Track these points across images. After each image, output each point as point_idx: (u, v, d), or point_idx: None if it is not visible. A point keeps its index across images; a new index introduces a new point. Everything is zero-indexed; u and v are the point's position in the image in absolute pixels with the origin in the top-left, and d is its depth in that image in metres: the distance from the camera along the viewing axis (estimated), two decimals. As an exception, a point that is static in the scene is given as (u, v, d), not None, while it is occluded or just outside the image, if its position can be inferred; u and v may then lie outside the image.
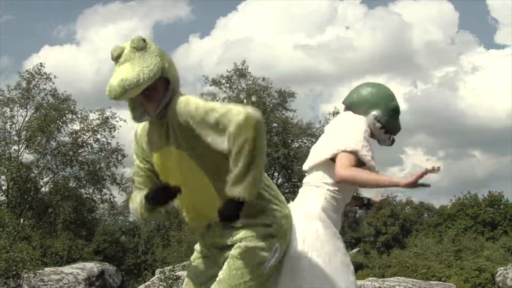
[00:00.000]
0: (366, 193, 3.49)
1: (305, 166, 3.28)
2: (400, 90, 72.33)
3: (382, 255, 33.69)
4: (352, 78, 64.82)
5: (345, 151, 3.00)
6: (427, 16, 79.19)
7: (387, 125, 3.23)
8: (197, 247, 3.06)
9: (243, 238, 2.74)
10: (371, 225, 44.28)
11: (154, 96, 2.69)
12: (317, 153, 3.20)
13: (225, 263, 2.76)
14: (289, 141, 29.19)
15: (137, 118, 2.80)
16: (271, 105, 28.92)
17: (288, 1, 67.97)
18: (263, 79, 28.71)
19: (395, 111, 3.27)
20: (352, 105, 3.31)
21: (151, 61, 2.62)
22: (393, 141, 3.32)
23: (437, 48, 71.96)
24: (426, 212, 50.16)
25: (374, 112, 3.22)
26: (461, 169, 69.51)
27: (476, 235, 36.88)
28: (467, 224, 40.52)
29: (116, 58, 2.69)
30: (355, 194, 3.34)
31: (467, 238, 33.84)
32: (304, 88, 67.42)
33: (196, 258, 3.03)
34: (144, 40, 2.69)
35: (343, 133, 3.10)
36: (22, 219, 23.54)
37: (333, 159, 3.05)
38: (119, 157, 25.66)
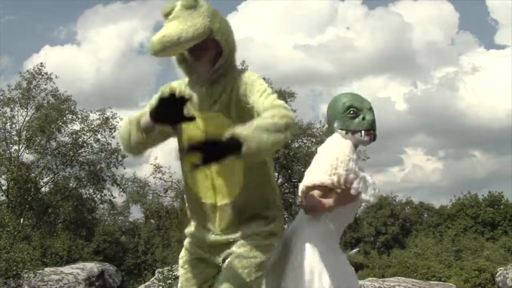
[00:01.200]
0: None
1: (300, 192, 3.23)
2: (400, 90, 72.60)
3: (382, 255, 33.72)
4: (352, 78, 64.83)
5: (308, 187, 3.01)
6: (427, 17, 79.28)
7: (349, 126, 3.15)
8: (186, 253, 2.95)
9: (247, 235, 2.71)
10: (371, 225, 44.29)
11: (204, 56, 2.65)
12: (304, 180, 3.15)
13: (229, 261, 2.71)
14: (289, 141, 29.18)
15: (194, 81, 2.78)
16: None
17: (288, 1, 67.97)
18: (263, 79, 28.73)
19: (348, 109, 3.16)
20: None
21: (198, 20, 2.54)
22: (372, 137, 3.17)
23: (438, 48, 72.05)
24: (426, 212, 50.15)
25: (335, 125, 3.20)
26: (461, 169, 69.60)
27: (476, 235, 36.88)
28: (467, 224, 40.49)
29: (166, 15, 2.60)
30: None
31: (467, 238, 33.84)
32: (304, 88, 67.54)
33: (186, 262, 2.93)
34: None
35: (317, 166, 3.08)
36: (22, 219, 23.53)
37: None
38: (119, 158, 25.64)
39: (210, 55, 2.65)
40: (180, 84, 2.85)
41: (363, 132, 3.12)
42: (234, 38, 2.74)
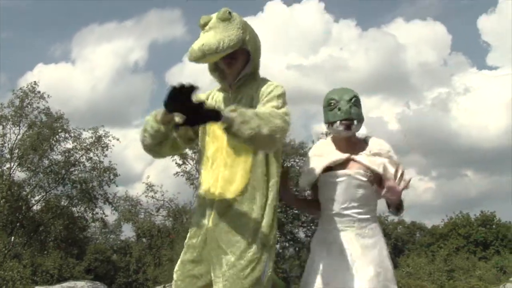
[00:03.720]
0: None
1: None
2: (393, 110, 72.90)
3: (374, 275, 33.65)
4: (345, 97, 64.89)
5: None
6: (421, 38, 79.91)
7: (328, 118, 3.25)
8: (181, 266, 2.93)
9: (240, 249, 2.71)
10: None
11: (235, 64, 2.92)
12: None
13: (224, 280, 2.68)
14: (282, 160, 29.20)
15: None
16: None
17: (282, 21, 68.42)
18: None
19: (329, 102, 3.27)
20: None
21: (233, 32, 2.82)
22: (345, 127, 3.20)
23: (430, 69, 72.56)
24: (418, 231, 50.16)
25: (324, 120, 3.35)
26: (454, 188, 69.59)
27: (468, 255, 36.91)
28: (459, 244, 40.51)
29: (203, 26, 2.88)
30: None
31: (459, 258, 33.88)
32: (297, 107, 67.46)
33: (181, 275, 2.89)
34: (230, 13, 2.88)
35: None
36: (13, 237, 23.38)
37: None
38: (111, 176, 25.59)
39: (240, 64, 2.93)
40: (208, 93, 3.13)
41: (338, 122, 3.19)
42: (260, 48, 3.04)
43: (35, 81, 24.43)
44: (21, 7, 68.78)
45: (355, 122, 3.21)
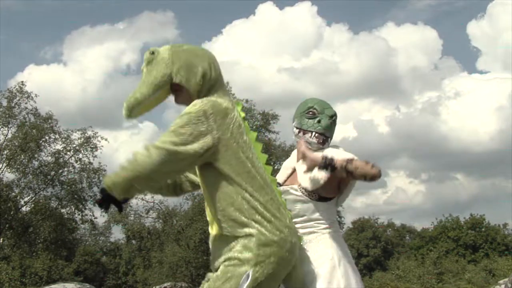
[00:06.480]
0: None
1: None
2: (383, 113, 73.20)
3: (364, 278, 33.72)
4: (337, 101, 65.16)
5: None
6: (412, 42, 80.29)
7: (303, 125, 3.13)
8: None
9: (209, 278, 2.56)
10: (352, 247, 44.32)
11: (179, 97, 2.71)
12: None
13: None
14: (272, 163, 29.18)
15: None
16: (254, 127, 28.92)
17: (274, 24, 68.52)
18: (246, 100, 28.69)
19: (308, 109, 3.14)
20: None
21: (153, 73, 2.62)
22: (321, 141, 3.08)
23: (421, 73, 72.91)
24: (408, 234, 50.30)
25: (293, 123, 3.22)
26: (444, 192, 70.02)
27: (458, 258, 37.03)
28: (448, 247, 40.64)
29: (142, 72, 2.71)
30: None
31: (448, 261, 33.95)
32: (288, 110, 67.49)
33: None
34: (153, 52, 2.66)
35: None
36: (1, 239, 23.25)
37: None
38: (101, 177, 25.47)
39: (185, 95, 2.67)
40: None
41: (313, 133, 3.10)
42: (205, 68, 2.70)
43: (22, 81, 24.35)
44: (13, 8, 68.63)
45: (329, 140, 3.15)
